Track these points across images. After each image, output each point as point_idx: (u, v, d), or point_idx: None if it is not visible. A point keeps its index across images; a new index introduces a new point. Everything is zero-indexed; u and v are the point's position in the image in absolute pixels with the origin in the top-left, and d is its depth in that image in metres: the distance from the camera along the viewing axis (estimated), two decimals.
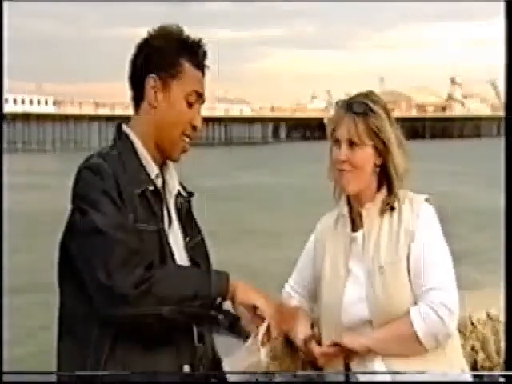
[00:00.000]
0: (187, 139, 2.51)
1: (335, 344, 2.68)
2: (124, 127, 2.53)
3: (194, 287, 2.34)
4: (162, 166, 2.54)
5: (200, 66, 2.53)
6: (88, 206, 2.33)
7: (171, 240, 2.48)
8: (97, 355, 2.34)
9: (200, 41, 2.53)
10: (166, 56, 2.48)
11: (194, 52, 2.51)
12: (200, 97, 2.52)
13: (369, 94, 2.75)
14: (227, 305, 2.41)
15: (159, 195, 2.49)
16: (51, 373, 2.42)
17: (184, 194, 2.60)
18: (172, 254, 2.45)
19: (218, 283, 2.37)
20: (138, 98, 2.51)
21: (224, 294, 2.38)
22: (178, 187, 2.57)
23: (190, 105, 2.50)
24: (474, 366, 3.51)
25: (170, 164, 2.57)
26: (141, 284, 2.27)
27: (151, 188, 2.46)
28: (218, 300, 2.37)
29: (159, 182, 2.51)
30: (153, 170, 2.49)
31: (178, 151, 2.52)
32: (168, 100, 2.48)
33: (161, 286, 2.30)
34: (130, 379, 2.34)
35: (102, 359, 2.33)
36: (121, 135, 2.51)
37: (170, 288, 2.32)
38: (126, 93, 2.55)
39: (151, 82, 2.47)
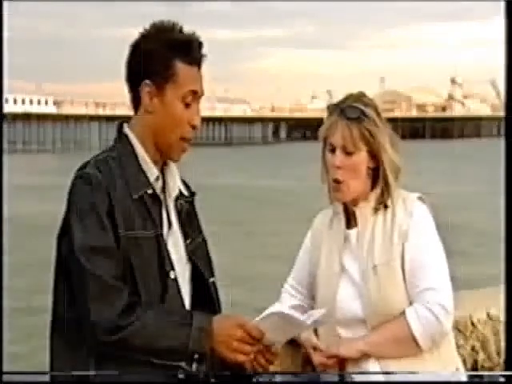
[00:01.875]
0: (186, 140, 2.48)
1: (333, 355, 2.67)
2: (125, 127, 2.51)
3: (169, 341, 2.30)
4: (162, 167, 2.52)
5: (195, 62, 2.47)
6: (76, 217, 2.34)
7: (171, 243, 2.46)
8: (88, 357, 2.34)
9: (191, 36, 2.47)
10: (158, 60, 2.42)
11: (187, 50, 2.45)
12: (196, 94, 2.47)
13: (360, 97, 2.72)
14: None
15: (158, 198, 2.47)
16: (51, 373, 2.42)
17: (186, 194, 2.58)
18: (170, 260, 2.43)
19: (197, 338, 2.31)
20: (136, 100, 2.48)
21: (202, 349, 2.33)
22: (178, 188, 2.54)
23: (186, 105, 2.45)
24: (474, 366, 3.50)
25: (172, 164, 2.54)
26: (115, 332, 2.27)
27: (150, 191, 2.44)
28: (196, 356, 2.35)
29: (159, 185, 2.48)
30: (152, 172, 2.46)
31: (177, 153, 2.49)
32: (164, 104, 2.44)
33: (136, 338, 2.28)
34: (124, 379, 2.34)
35: (93, 362, 2.34)
36: (121, 136, 2.50)
37: (145, 341, 2.29)
38: (126, 93, 2.54)
39: (146, 87, 2.43)
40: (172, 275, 2.42)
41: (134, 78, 2.46)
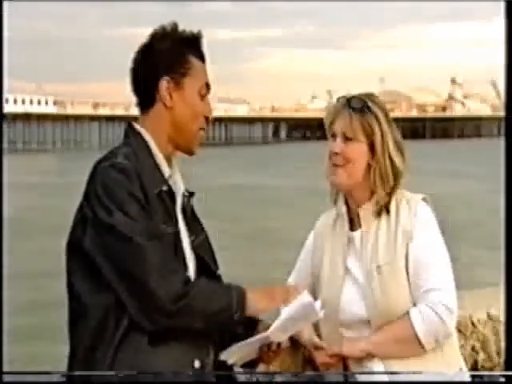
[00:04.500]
0: (202, 131, 2.57)
1: (336, 354, 2.68)
2: (135, 125, 2.54)
3: (220, 303, 2.40)
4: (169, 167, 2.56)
5: (203, 58, 2.59)
6: (114, 205, 2.34)
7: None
8: (109, 344, 2.35)
9: (199, 33, 2.58)
10: (174, 56, 2.52)
11: (197, 46, 2.57)
12: (209, 87, 2.59)
13: (369, 94, 2.78)
14: None
15: (172, 196, 2.51)
16: (51, 373, 2.43)
17: (186, 193, 2.61)
18: (184, 256, 2.48)
19: (238, 300, 2.41)
20: (148, 100, 2.53)
21: (243, 310, 2.42)
22: (183, 186, 2.59)
23: (202, 97, 2.56)
24: (474, 367, 3.50)
25: (175, 163, 2.59)
26: (179, 299, 2.33)
27: (165, 188, 2.48)
28: (236, 316, 2.42)
29: (172, 183, 2.53)
30: (166, 170, 2.51)
31: (196, 145, 2.57)
32: (183, 98, 2.52)
33: (196, 302, 2.36)
34: (135, 378, 2.35)
35: (112, 347, 2.35)
36: (135, 134, 2.52)
37: (203, 304, 2.37)
38: (126, 93, 2.56)
39: (164, 84, 2.50)
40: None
41: (149, 77, 2.52)
